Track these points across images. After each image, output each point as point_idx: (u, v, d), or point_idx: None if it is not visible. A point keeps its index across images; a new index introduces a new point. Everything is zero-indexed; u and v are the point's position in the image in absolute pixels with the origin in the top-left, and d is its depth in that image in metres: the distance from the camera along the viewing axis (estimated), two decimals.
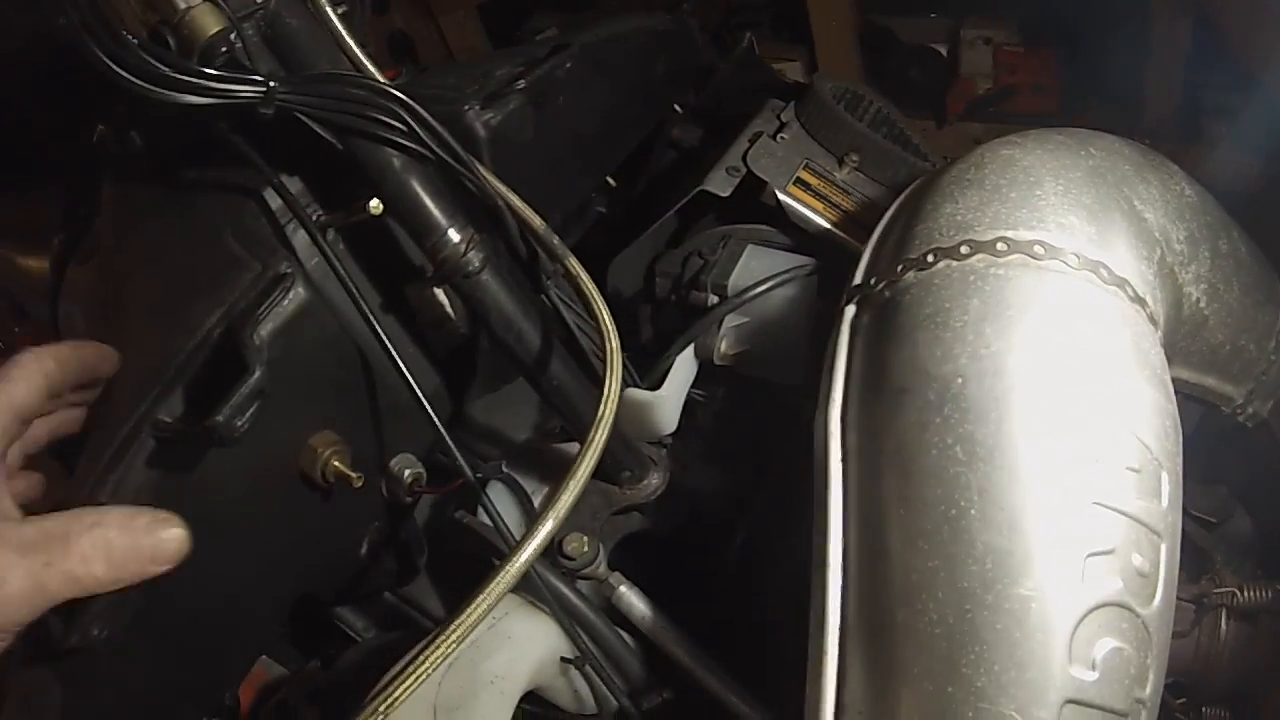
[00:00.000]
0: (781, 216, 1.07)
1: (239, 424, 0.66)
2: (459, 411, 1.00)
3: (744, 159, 1.09)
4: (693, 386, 1.03)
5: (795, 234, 1.08)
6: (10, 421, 0.64)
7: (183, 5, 0.68)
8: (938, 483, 0.55)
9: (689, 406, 1.02)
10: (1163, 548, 0.56)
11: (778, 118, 1.17)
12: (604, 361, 0.69)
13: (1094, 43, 2.55)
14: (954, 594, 0.52)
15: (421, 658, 0.59)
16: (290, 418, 0.78)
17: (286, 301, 0.75)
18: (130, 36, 0.65)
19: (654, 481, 0.96)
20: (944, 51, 2.82)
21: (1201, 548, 1.05)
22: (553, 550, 0.91)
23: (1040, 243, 0.63)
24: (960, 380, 0.57)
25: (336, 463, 0.79)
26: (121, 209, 0.95)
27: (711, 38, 1.51)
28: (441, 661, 0.60)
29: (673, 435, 1.01)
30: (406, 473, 0.87)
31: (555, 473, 1.02)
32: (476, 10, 3.09)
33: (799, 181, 1.09)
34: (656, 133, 1.31)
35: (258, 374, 0.68)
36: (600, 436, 0.65)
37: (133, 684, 0.75)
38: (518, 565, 0.60)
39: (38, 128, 1.42)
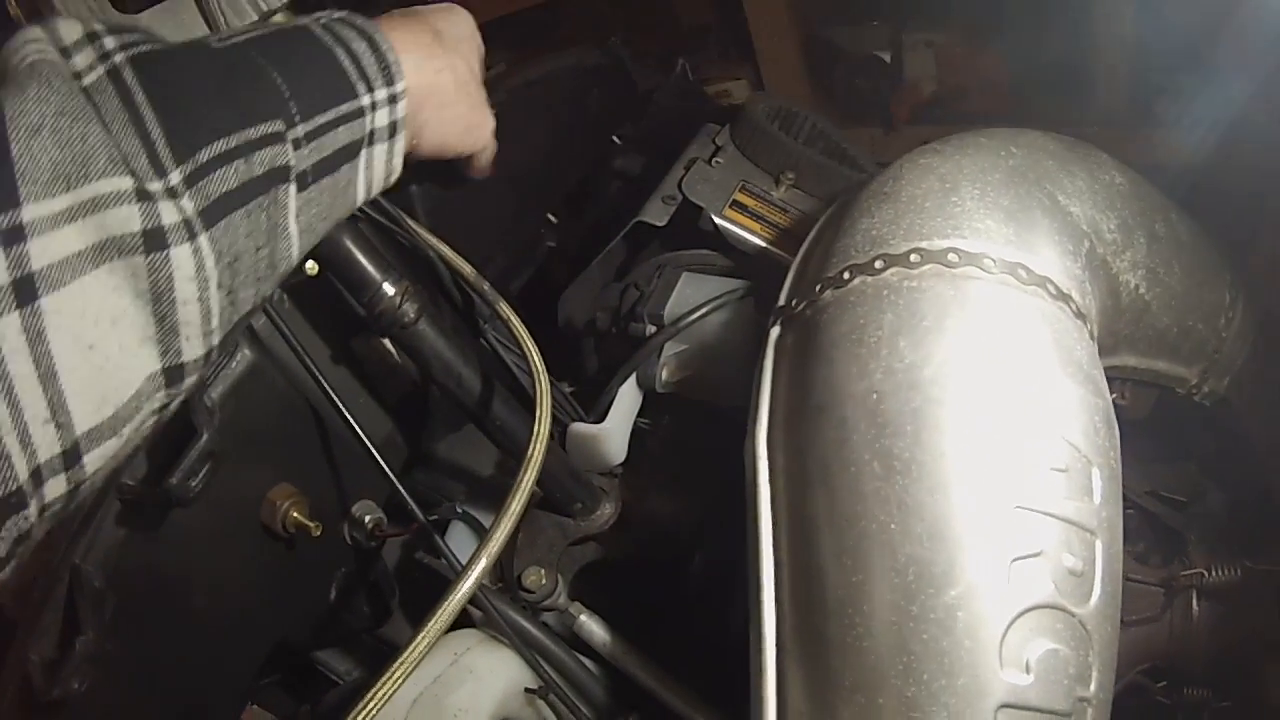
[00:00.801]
0: (720, 240, 1.07)
1: (193, 485, 0.70)
2: (420, 453, 1.03)
3: (679, 186, 1.10)
4: (639, 416, 1.03)
5: (735, 256, 1.08)
6: None
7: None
8: (858, 499, 0.55)
9: (637, 435, 1.02)
10: (1098, 544, 0.56)
11: (713, 142, 1.18)
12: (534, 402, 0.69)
13: (1037, 35, 2.57)
14: (879, 607, 0.52)
15: (370, 696, 0.59)
16: (247, 474, 0.81)
17: (235, 364, 0.78)
18: None
19: (606, 511, 0.98)
20: (887, 58, 2.84)
21: (1173, 529, 1.05)
22: (512, 585, 0.93)
23: (954, 250, 0.64)
24: (875, 396, 0.57)
25: (295, 514, 0.83)
26: None
27: (656, 63, 1.51)
28: (389, 697, 0.59)
29: (623, 465, 1.01)
30: (367, 519, 0.90)
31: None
32: None
33: (735, 204, 1.10)
34: (598, 165, 1.32)
35: (205, 437, 0.71)
36: (530, 476, 0.65)
37: None
38: (457, 597, 0.60)
39: None
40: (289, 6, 0.79)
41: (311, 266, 0.75)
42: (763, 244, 1.06)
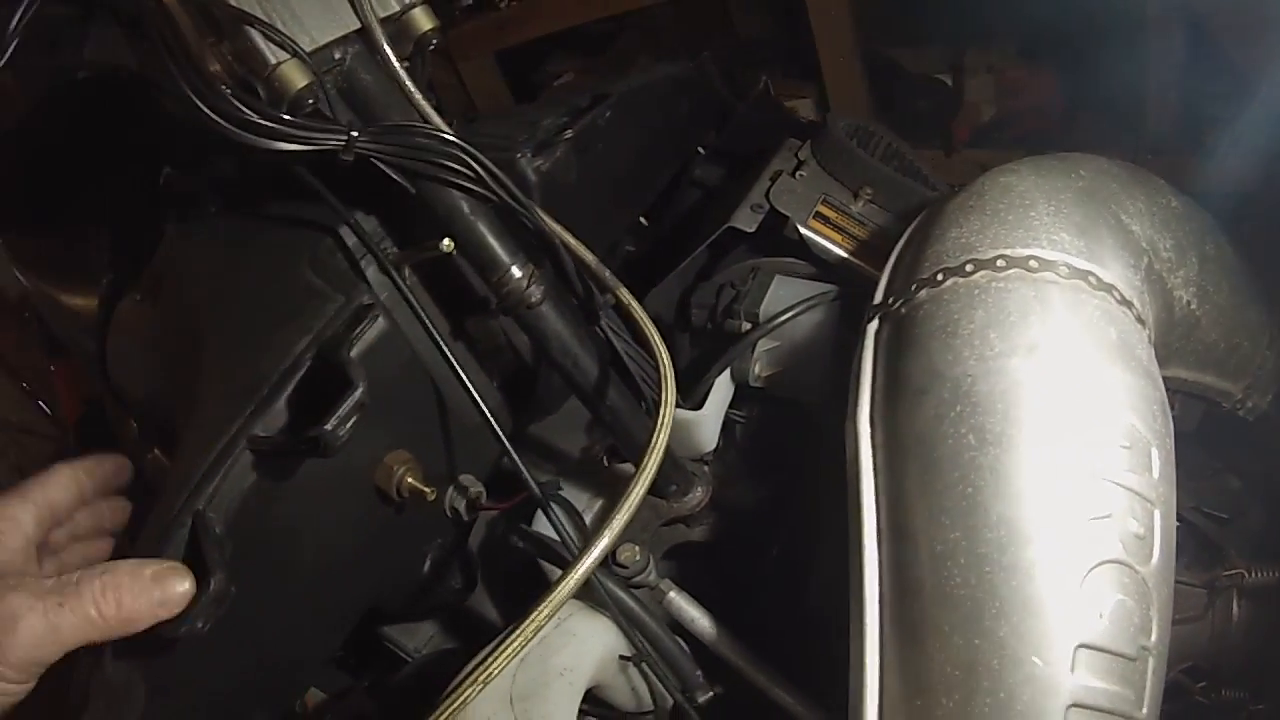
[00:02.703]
0: (803, 248, 1.17)
1: (341, 435, 0.73)
2: (514, 435, 1.08)
3: (767, 196, 1.19)
4: (730, 408, 1.12)
5: (817, 263, 1.17)
6: (45, 515, 0.76)
7: (272, 60, 0.73)
8: (954, 466, 0.64)
9: (727, 426, 1.12)
10: (1156, 514, 0.65)
11: (795, 156, 1.27)
12: (657, 386, 0.78)
13: (1092, 60, 2.63)
14: (974, 559, 0.61)
15: (496, 653, 0.68)
16: (370, 437, 0.84)
17: (371, 330, 0.83)
18: (224, 88, 0.72)
19: (697, 495, 1.05)
20: (949, 80, 2.93)
21: (1215, 543, 1.12)
22: (608, 559, 1.00)
23: (1035, 257, 0.73)
24: (970, 379, 0.66)
25: (410, 479, 0.86)
26: (188, 246, 1.05)
27: (725, 77, 1.60)
28: (514, 657, 0.69)
29: (713, 453, 1.10)
30: (471, 490, 0.95)
31: (602, 490, 1.11)
32: (494, 56, 3.21)
33: (818, 215, 1.19)
34: (681, 173, 1.41)
35: (361, 388, 0.75)
36: (655, 458, 0.73)
37: (212, 685, 0.82)
38: (580, 571, 0.69)
39: (78, 173, 1.56)
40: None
41: (448, 244, 0.80)
42: (844, 254, 1.15)
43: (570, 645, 0.93)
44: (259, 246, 0.96)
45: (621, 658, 0.97)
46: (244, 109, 0.71)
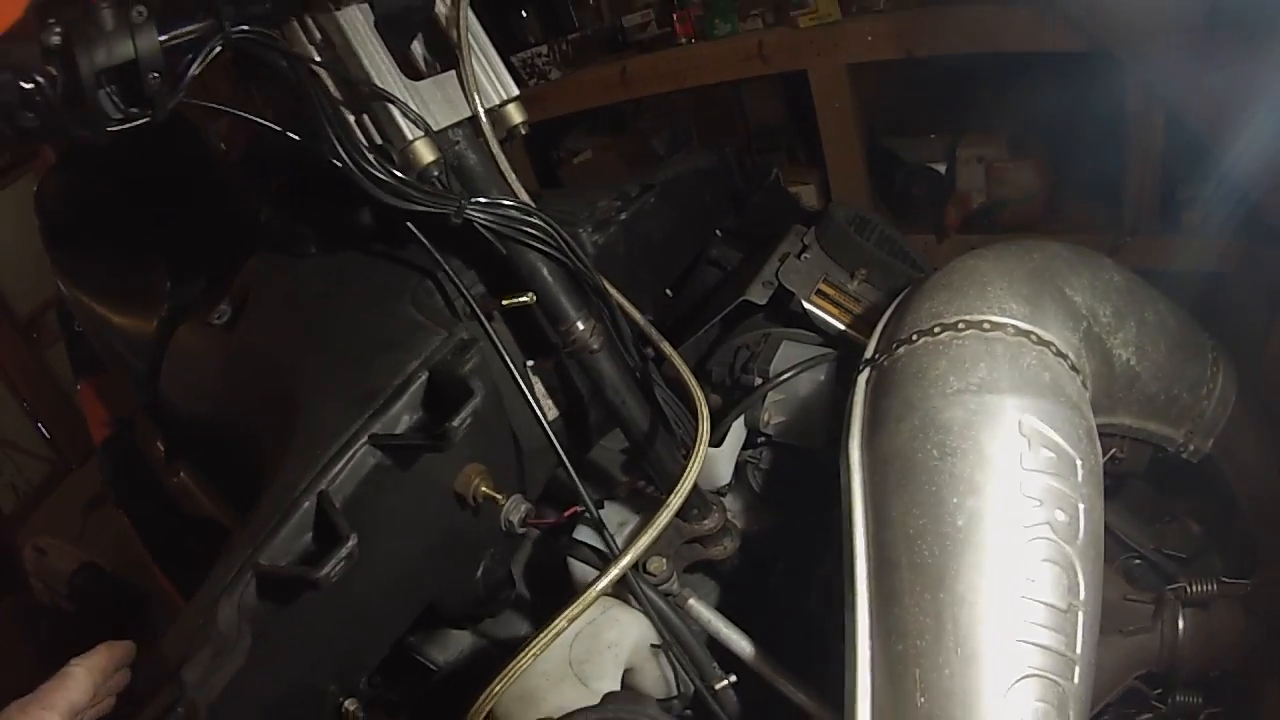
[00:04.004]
0: (806, 319, 1.39)
1: (459, 432, 0.93)
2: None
3: (776, 274, 1.42)
4: (742, 450, 1.34)
5: (817, 332, 1.40)
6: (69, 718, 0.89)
7: (409, 136, 0.95)
8: (923, 471, 0.87)
9: (740, 466, 1.33)
10: (1081, 506, 0.86)
11: (801, 240, 1.50)
12: (694, 426, 1.00)
13: (1076, 150, 2.89)
14: (938, 537, 0.83)
15: (552, 625, 0.90)
16: (459, 447, 1.00)
17: (472, 359, 1.04)
18: (371, 156, 0.95)
19: (714, 519, 1.25)
20: (942, 169, 3.20)
21: (1161, 566, 1.33)
22: (640, 567, 1.18)
23: (987, 321, 0.96)
24: (935, 409, 0.89)
25: (485, 487, 1.04)
26: (283, 280, 1.28)
27: (739, 164, 1.81)
28: (565, 628, 0.90)
29: (727, 486, 1.32)
30: (522, 507, 1.10)
31: (626, 515, 1.31)
32: None
33: (819, 292, 1.42)
34: (701, 251, 1.65)
35: (480, 396, 0.97)
36: (689, 483, 0.96)
37: (307, 644, 0.98)
38: (622, 565, 0.92)
39: (147, 202, 1.77)
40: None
41: (531, 297, 1.04)
42: (839, 325, 1.38)
43: (615, 627, 1.15)
44: (360, 285, 1.18)
45: (652, 646, 1.17)
46: (387, 174, 0.95)
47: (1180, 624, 1.24)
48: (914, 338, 0.98)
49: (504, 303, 1.07)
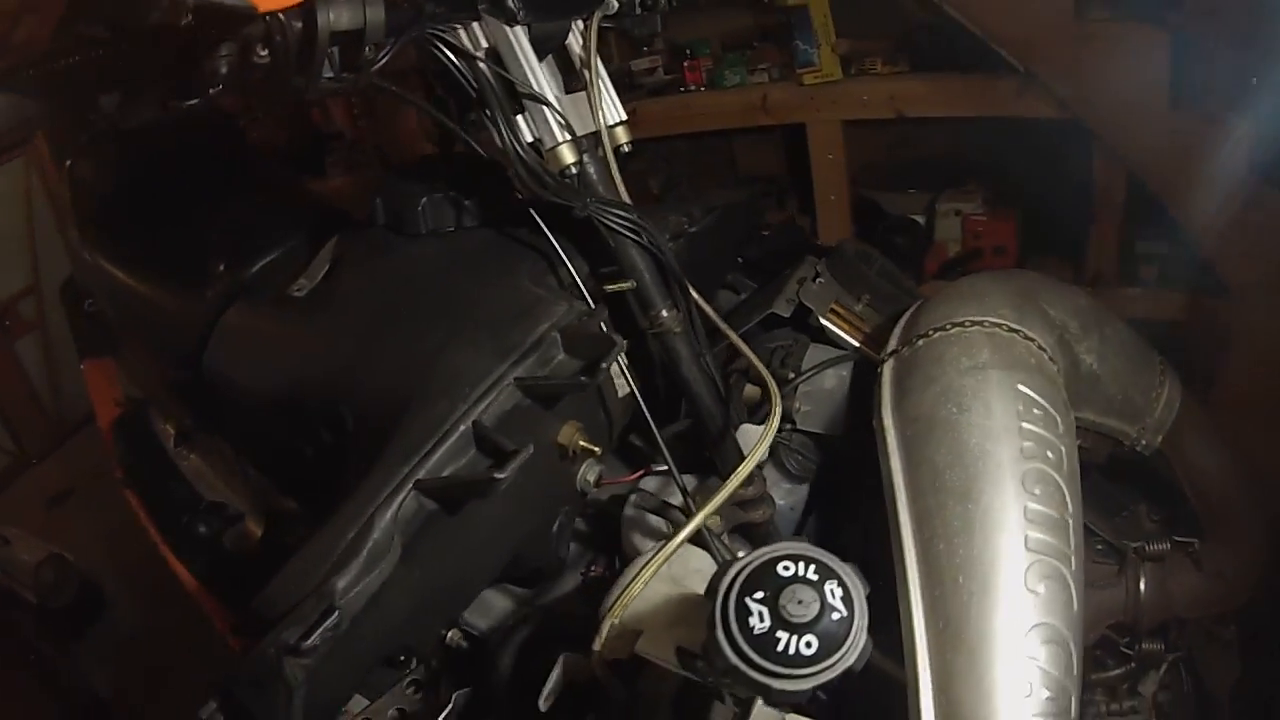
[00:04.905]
0: (821, 332, 1.68)
1: (601, 377, 1.16)
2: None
3: (797, 294, 1.71)
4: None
5: (832, 343, 1.68)
6: None
7: (559, 139, 1.18)
8: (946, 424, 1.16)
9: (774, 446, 1.61)
10: (1063, 448, 1.15)
11: (815, 269, 1.79)
12: (768, 404, 1.25)
13: (1045, 207, 3.24)
14: (963, 468, 1.12)
15: (660, 554, 1.14)
16: (568, 401, 1.23)
17: (602, 319, 1.27)
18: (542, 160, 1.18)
19: (756, 488, 1.48)
20: (921, 221, 3.54)
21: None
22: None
23: (987, 320, 1.27)
24: (951, 380, 1.19)
25: (582, 441, 1.24)
26: (380, 257, 1.50)
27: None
28: (671, 555, 1.14)
29: (765, 462, 1.59)
30: (598, 468, 1.29)
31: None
32: None
33: (832, 310, 1.70)
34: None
35: (620, 345, 1.19)
36: (759, 453, 1.18)
37: (440, 568, 1.15)
38: (705, 513, 1.15)
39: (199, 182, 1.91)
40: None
41: (631, 284, 1.26)
42: (851, 340, 1.66)
43: (695, 559, 1.32)
44: (475, 262, 1.40)
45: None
46: (539, 167, 1.18)
47: (1141, 579, 1.51)
48: (931, 333, 1.29)
49: (607, 287, 1.30)
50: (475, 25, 1.17)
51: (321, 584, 1.03)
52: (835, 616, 0.71)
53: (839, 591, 0.72)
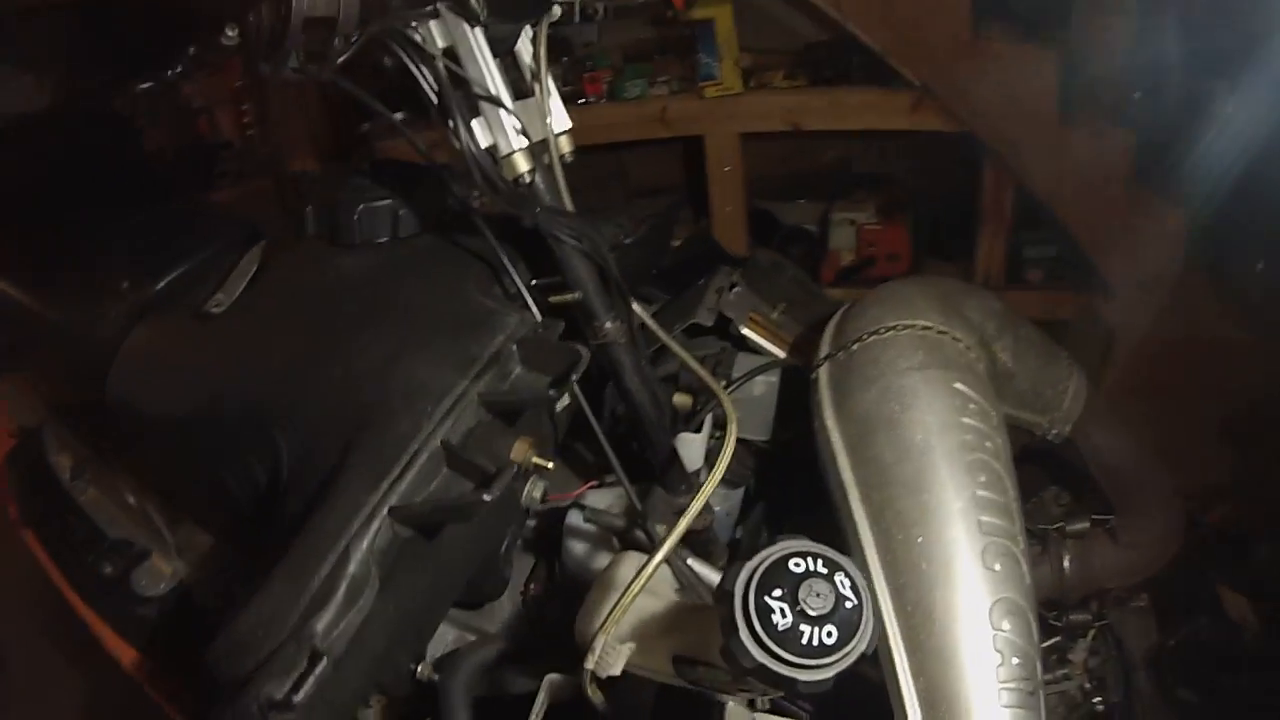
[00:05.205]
0: (743, 341, 1.73)
1: (568, 387, 1.17)
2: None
3: (717, 304, 1.75)
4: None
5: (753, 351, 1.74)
6: None
7: (514, 146, 1.16)
8: (890, 422, 1.22)
9: (708, 450, 1.65)
10: (1000, 439, 1.23)
11: (730, 279, 1.84)
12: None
13: (937, 214, 3.39)
14: (910, 462, 1.18)
15: (648, 566, 1.07)
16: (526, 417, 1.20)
17: (559, 331, 1.25)
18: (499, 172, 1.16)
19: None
20: (815, 230, 3.65)
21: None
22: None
23: (918, 323, 1.33)
24: (890, 380, 1.25)
25: (535, 457, 1.16)
26: (309, 268, 1.43)
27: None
28: (655, 571, 1.06)
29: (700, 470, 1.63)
30: (542, 485, 1.22)
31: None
32: None
33: (751, 319, 1.76)
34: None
35: (584, 356, 1.17)
36: (724, 463, 1.11)
37: (411, 600, 1.10)
38: (682, 525, 1.07)
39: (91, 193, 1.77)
40: None
41: (577, 295, 1.24)
42: (770, 346, 1.72)
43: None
44: (416, 273, 1.35)
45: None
46: (495, 174, 1.16)
47: (1065, 556, 1.62)
48: (865, 337, 1.35)
49: (553, 299, 1.29)
50: (432, 25, 1.14)
51: (300, 627, 0.96)
52: (849, 605, 0.74)
53: (848, 581, 0.75)
